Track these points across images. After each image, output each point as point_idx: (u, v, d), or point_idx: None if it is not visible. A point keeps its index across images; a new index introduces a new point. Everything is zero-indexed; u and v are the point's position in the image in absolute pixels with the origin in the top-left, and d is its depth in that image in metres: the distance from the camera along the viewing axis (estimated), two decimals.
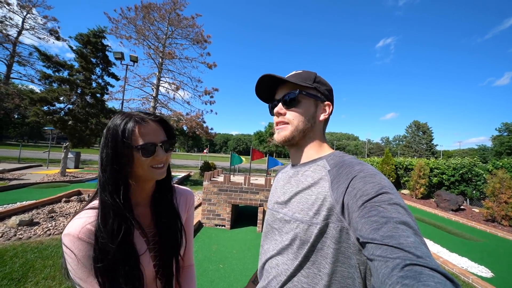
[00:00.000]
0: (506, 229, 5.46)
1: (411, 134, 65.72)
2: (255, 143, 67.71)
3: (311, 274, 0.53)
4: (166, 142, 0.64)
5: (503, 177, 5.91)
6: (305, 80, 0.64)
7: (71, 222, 0.55)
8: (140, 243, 0.61)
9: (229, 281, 2.64)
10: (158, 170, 0.63)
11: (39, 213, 4.32)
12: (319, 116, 0.66)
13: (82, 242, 0.52)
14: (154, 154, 0.61)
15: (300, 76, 0.65)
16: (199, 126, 12.27)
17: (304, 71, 0.67)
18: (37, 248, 2.99)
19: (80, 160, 13.13)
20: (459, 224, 5.93)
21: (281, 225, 0.62)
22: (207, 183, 4.48)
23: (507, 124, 52.73)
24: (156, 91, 12.14)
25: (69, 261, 0.53)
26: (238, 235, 4.12)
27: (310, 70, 0.68)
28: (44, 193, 6.04)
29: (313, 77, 0.65)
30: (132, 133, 0.58)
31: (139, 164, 0.60)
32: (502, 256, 3.97)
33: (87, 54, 9.13)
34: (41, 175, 8.98)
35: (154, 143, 0.61)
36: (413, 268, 0.33)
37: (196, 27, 12.33)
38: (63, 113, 8.99)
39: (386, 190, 0.45)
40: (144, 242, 0.63)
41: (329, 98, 0.67)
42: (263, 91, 0.72)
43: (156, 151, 0.61)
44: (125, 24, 11.43)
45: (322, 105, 0.66)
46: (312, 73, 0.67)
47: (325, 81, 0.68)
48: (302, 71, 0.67)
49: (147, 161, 0.60)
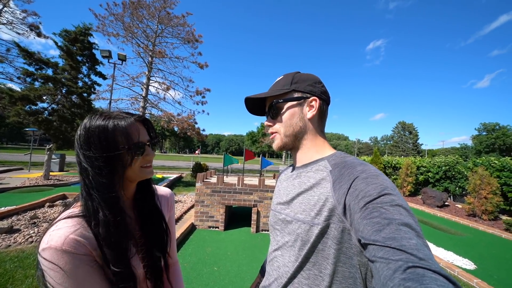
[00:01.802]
0: (486, 223, 5.78)
1: (397, 134, 68.15)
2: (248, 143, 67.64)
3: (312, 275, 0.53)
4: (151, 141, 0.65)
5: (482, 174, 6.25)
6: (282, 87, 0.65)
7: (50, 234, 0.49)
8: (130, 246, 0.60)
9: (224, 283, 2.61)
10: (148, 169, 0.64)
11: (20, 219, 4.08)
12: (307, 115, 0.64)
13: (68, 254, 0.48)
14: (144, 153, 0.61)
15: (278, 84, 0.67)
16: (190, 127, 12.07)
17: (284, 75, 0.68)
18: (17, 257, 2.81)
19: (65, 162, 12.55)
20: (444, 220, 6.20)
21: (283, 226, 0.62)
22: (200, 184, 4.41)
23: (485, 124, 55.92)
24: (145, 91, 11.82)
25: (53, 276, 0.47)
26: (232, 236, 4.09)
27: (292, 72, 0.69)
28: (26, 198, 5.72)
29: (291, 79, 0.65)
30: (121, 133, 0.57)
31: (130, 165, 0.59)
32: (483, 249, 4.19)
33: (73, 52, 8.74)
34: (22, 179, 8.50)
35: (143, 142, 0.61)
36: (415, 271, 0.32)
37: (187, 26, 12.13)
38: (47, 113, 8.56)
39: (389, 192, 0.44)
40: (132, 244, 0.61)
41: (313, 92, 0.64)
42: (255, 110, 0.76)
43: (145, 150, 0.61)
44: (112, 21, 11.04)
45: (307, 102, 0.64)
46: (291, 75, 0.66)
47: (306, 77, 0.65)
48: (282, 76, 0.68)
49: (138, 161, 0.60)
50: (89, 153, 0.54)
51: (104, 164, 0.55)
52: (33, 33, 13.87)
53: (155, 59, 11.94)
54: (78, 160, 0.57)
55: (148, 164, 0.64)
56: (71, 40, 8.92)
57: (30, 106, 8.20)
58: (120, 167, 0.57)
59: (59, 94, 8.53)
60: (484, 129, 55.81)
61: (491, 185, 6.00)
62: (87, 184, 0.55)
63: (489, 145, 48.98)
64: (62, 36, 8.96)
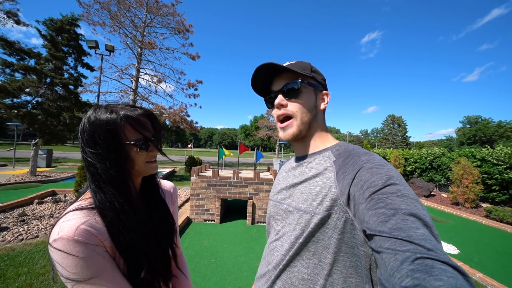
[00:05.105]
0: (469, 210, 6.13)
1: (387, 127, 69.88)
2: (241, 136, 67.40)
3: (312, 264, 0.53)
4: (156, 136, 0.64)
5: (465, 164, 6.57)
6: (303, 70, 0.62)
7: (60, 226, 0.49)
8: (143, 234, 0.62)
9: (222, 274, 2.66)
10: (153, 164, 0.64)
11: (7, 217, 3.95)
12: (320, 106, 0.65)
13: (80, 243, 0.47)
14: (149, 149, 0.61)
15: (298, 65, 0.62)
16: (183, 120, 11.86)
17: (298, 61, 0.64)
18: (7, 256, 2.74)
19: (52, 158, 12.10)
20: (430, 209, 6.52)
21: (284, 216, 0.61)
22: (195, 178, 4.40)
23: (469, 117, 58.28)
24: (135, 83, 11.42)
25: (67, 265, 0.46)
26: (228, 229, 4.14)
27: (303, 60, 0.66)
28: (12, 195, 5.52)
29: (309, 66, 0.64)
30: (127, 128, 0.56)
31: (136, 160, 0.58)
32: (466, 234, 4.47)
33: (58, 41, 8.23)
34: (7, 176, 8.16)
35: (148, 138, 0.60)
36: (424, 262, 0.32)
37: (177, 15, 11.68)
38: (30, 106, 8.13)
39: (394, 181, 0.43)
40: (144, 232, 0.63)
41: (325, 87, 0.67)
42: (261, 85, 0.68)
43: (150, 145, 0.61)
44: (98, 10, 10.46)
45: (321, 94, 0.65)
46: (307, 63, 0.65)
47: (319, 71, 0.66)
48: (296, 61, 0.64)
49: (143, 157, 0.59)
50: (95, 149, 0.54)
51: (111, 159, 0.54)
52: (10, 20, 12.97)
53: (145, 50, 11.49)
54: (84, 155, 0.55)
55: (153, 159, 0.63)
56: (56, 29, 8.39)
57: (12, 99, 7.76)
58: (127, 161, 0.57)
59: (43, 86, 8.10)
60: (467, 122, 58.25)
61: (473, 175, 6.33)
62: (97, 178, 0.55)
63: (471, 137, 51.25)
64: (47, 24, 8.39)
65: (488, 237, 4.39)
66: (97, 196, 0.54)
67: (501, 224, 4.98)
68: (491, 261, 3.35)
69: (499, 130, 47.56)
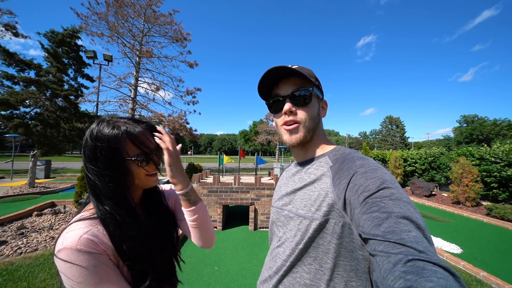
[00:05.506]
0: (470, 209, 6.13)
1: (385, 128, 70.33)
2: (241, 142, 67.41)
3: (313, 270, 0.53)
4: (157, 149, 0.66)
5: (464, 163, 6.61)
6: (310, 76, 0.60)
7: (63, 236, 0.50)
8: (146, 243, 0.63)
9: (226, 282, 2.63)
10: (153, 178, 0.65)
11: (6, 230, 3.89)
12: (321, 114, 0.67)
13: (84, 253, 0.48)
14: (150, 163, 0.62)
15: (306, 71, 0.60)
16: (182, 127, 11.91)
17: (301, 66, 0.63)
18: (6, 270, 2.68)
19: (51, 169, 12.01)
20: (431, 208, 6.52)
21: (286, 222, 0.62)
22: (196, 185, 4.39)
23: (465, 116, 58.91)
24: (134, 92, 11.51)
25: (72, 275, 0.48)
26: (230, 235, 4.11)
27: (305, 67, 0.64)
28: (10, 208, 5.45)
29: (314, 74, 0.63)
30: (129, 144, 0.58)
31: (136, 174, 0.60)
32: (468, 233, 4.46)
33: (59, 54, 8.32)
34: (5, 188, 8.07)
35: (149, 152, 0.61)
36: (415, 264, 0.32)
37: (174, 24, 11.89)
38: (28, 117, 8.12)
39: (388, 185, 0.44)
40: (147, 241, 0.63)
41: (323, 95, 0.68)
42: (265, 85, 0.66)
43: (151, 159, 0.62)
44: (96, 20, 10.65)
45: (322, 103, 0.67)
46: (310, 70, 0.64)
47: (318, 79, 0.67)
48: (299, 66, 0.62)
49: (143, 171, 0.61)
50: (96, 166, 0.55)
51: (111, 175, 0.56)
52: (9, 33, 13.12)
53: (143, 59, 11.65)
54: (85, 172, 0.58)
55: (153, 172, 0.64)
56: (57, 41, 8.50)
57: (11, 110, 7.77)
58: (127, 176, 0.59)
59: (43, 97, 8.13)
60: (464, 121, 58.88)
61: (472, 173, 6.36)
62: (97, 193, 0.56)
63: (468, 135, 51.70)
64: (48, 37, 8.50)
65: (490, 235, 4.38)
66: (99, 208, 0.56)
67: (502, 221, 4.99)
68: (494, 259, 3.34)
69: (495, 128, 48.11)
